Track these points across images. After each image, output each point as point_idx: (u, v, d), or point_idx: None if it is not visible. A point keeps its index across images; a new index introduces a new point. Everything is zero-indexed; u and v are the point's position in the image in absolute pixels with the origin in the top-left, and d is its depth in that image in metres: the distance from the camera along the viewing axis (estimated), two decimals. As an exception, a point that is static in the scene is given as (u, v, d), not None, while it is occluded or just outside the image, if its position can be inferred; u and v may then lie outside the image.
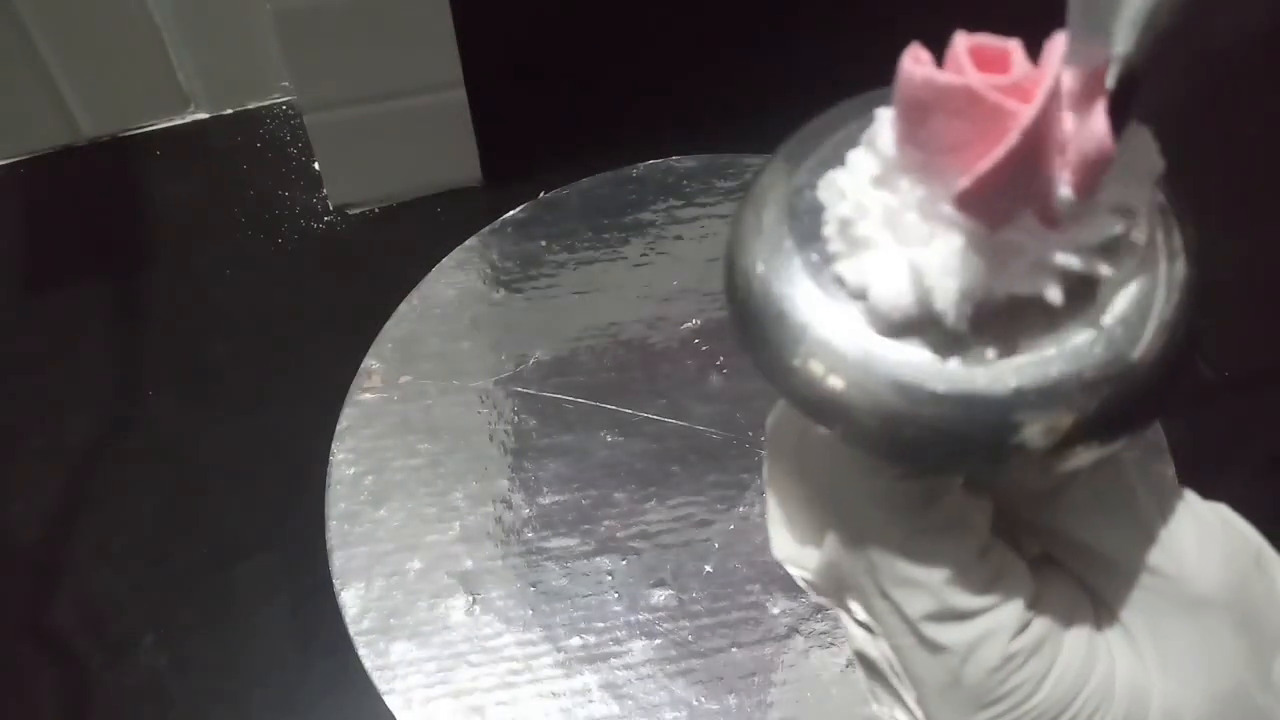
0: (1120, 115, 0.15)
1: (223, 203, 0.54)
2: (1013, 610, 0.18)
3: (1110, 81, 0.15)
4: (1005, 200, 0.15)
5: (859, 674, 0.22)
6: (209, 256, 0.52)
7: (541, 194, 0.51)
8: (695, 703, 0.36)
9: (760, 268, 0.19)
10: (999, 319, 0.17)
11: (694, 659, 0.37)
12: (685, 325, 0.46)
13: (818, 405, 0.18)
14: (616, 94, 0.57)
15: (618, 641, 0.38)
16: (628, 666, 0.37)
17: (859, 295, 0.17)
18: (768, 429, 0.23)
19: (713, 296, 0.47)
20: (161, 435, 0.46)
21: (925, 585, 0.19)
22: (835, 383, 0.18)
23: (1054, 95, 0.15)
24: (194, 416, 0.47)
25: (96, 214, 0.54)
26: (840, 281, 0.18)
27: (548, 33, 0.60)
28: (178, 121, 0.57)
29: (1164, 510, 0.18)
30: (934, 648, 0.19)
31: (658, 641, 0.38)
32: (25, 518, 0.44)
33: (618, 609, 0.38)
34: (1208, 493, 0.19)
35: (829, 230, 0.18)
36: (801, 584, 0.22)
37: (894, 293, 0.17)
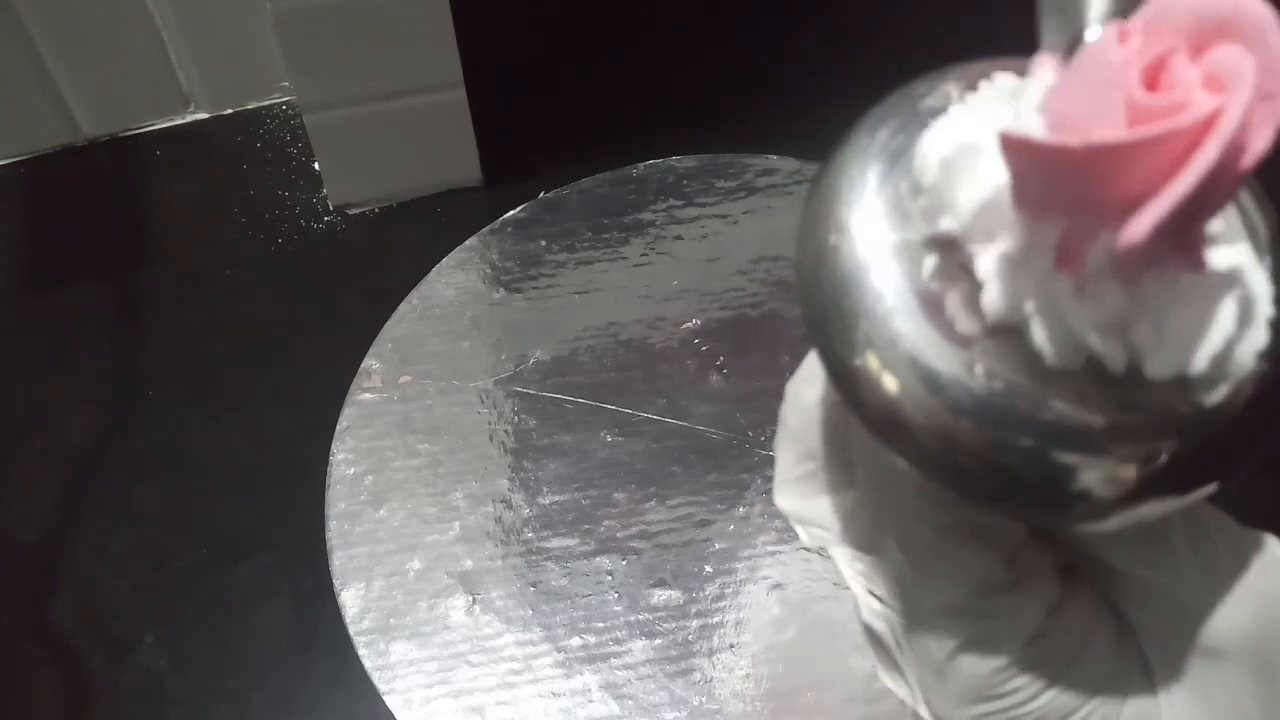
0: None
1: (222, 203, 0.54)
2: (1029, 616, 0.18)
3: None
4: (1163, 239, 0.13)
5: (869, 650, 0.21)
6: (209, 256, 0.52)
7: (541, 194, 0.51)
8: (695, 703, 0.36)
9: (846, 245, 0.17)
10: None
11: (694, 659, 0.37)
12: (685, 325, 0.46)
13: (877, 410, 0.17)
14: (616, 94, 0.57)
15: (618, 641, 0.38)
16: (628, 666, 0.37)
17: (975, 342, 0.16)
18: (793, 381, 0.22)
19: (713, 296, 0.47)
20: (161, 435, 0.46)
21: (946, 580, 0.18)
22: (893, 388, 0.16)
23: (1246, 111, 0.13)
24: (194, 416, 0.47)
25: (96, 214, 0.54)
26: (932, 280, 0.16)
27: (548, 33, 0.60)
28: (178, 121, 0.57)
29: (1198, 546, 0.18)
30: (943, 638, 0.19)
31: (658, 641, 0.38)
32: (25, 518, 0.44)
33: (618, 609, 0.38)
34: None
35: (930, 233, 0.16)
36: (805, 539, 0.22)
37: (1048, 345, 0.15)
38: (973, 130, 0.16)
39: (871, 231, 0.17)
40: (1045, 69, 0.16)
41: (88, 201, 0.55)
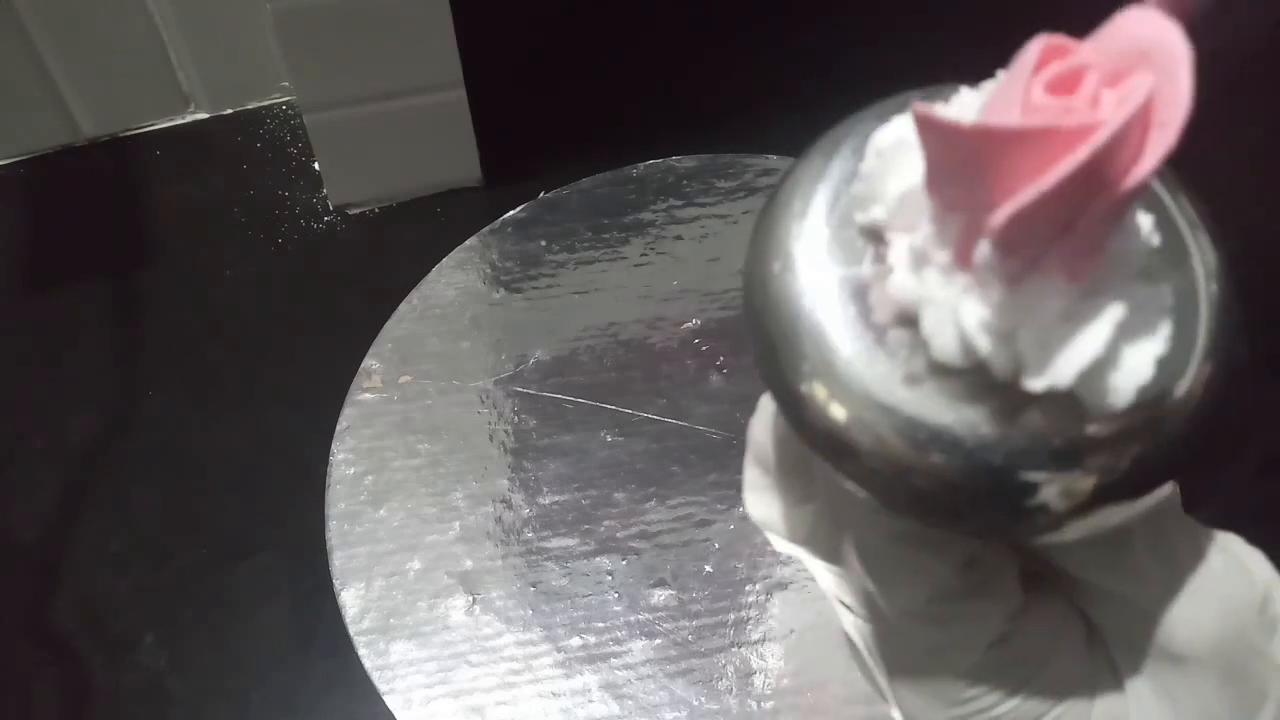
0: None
1: (222, 203, 0.54)
2: (991, 622, 0.18)
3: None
4: (1034, 244, 0.14)
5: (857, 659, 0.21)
6: (209, 256, 0.52)
7: (541, 194, 0.51)
8: (695, 703, 0.36)
9: (784, 271, 0.17)
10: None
11: (694, 659, 0.37)
12: (685, 325, 0.46)
13: (824, 437, 0.17)
14: (616, 94, 0.57)
15: (618, 641, 0.38)
16: (628, 666, 0.37)
17: (888, 329, 0.16)
18: (764, 398, 0.22)
19: (713, 296, 0.47)
20: (161, 435, 0.46)
21: (904, 587, 0.18)
22: (841, 416, 0.16)
23: (1128, 126, 0.13)
24: (194, 416, 0.47)
25: (96, 214, 0.54)
26: (871, 309, 0.16)
27: (548, 32, 0.60)
28: (178, 121, 0.57)
29: (1159, 552, 0.18)
30: (906, 644, 0.19)
31: (658, 641, 0.38)
32: (25, 518, 0.44)
33: (618, 609, 0.38)
34: (1208, 492, 0.19)
35: (865, 252, 0.16)
36: (777, 546, 0.22)
37: (935, 338, 0.15)
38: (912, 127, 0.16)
39: (817, 260, 0.17)
40: (1000, 76, 0.16)
41: (88, 201, 0.55)
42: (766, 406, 0.22)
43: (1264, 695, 0.17)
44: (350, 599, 0.39)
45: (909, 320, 0.16)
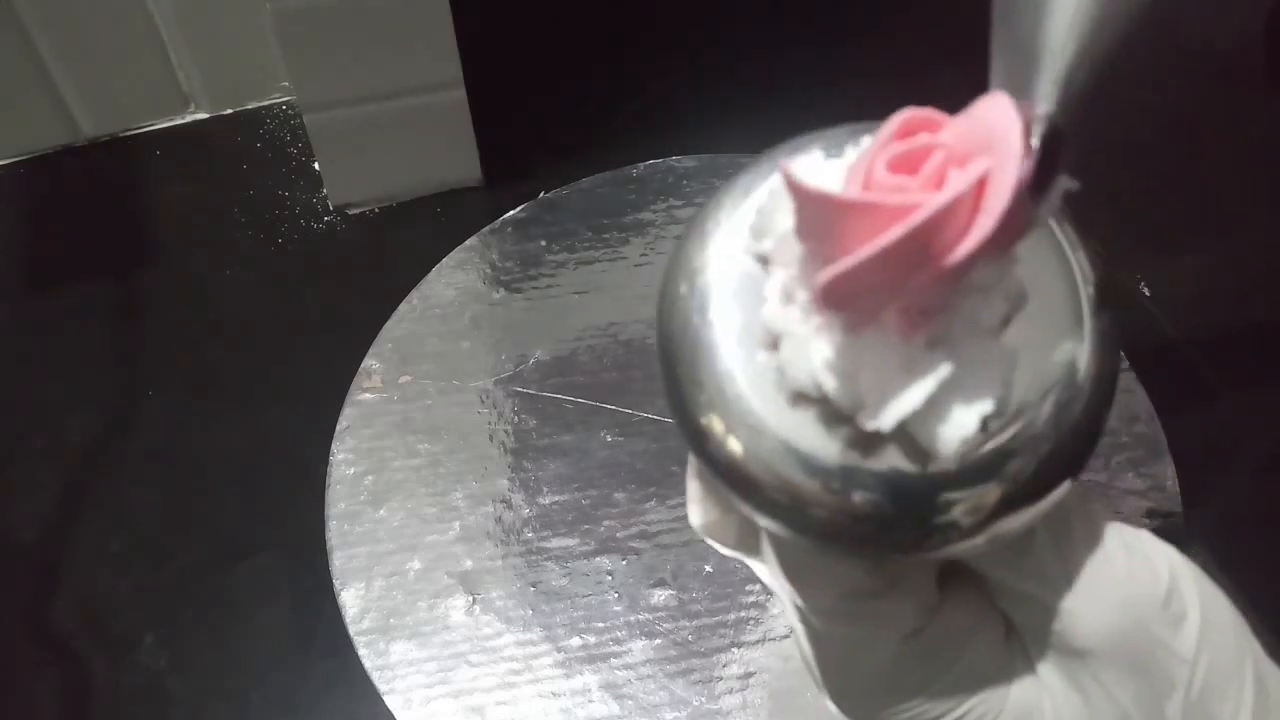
0: (1046, 173, 0.15)
1: (222, 203, 0.54)
2: (904, 619, 0.19)
3: (1035, 140, 0.15)
4: (867, 301, 0.15)
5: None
6: (209, 256, 0.52)
7: (541, 194, 0.51)
8: (695, 703, 0.36)
9: (689, 294, 0.18)
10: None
11: (694, 659, 0.37)
12: (685, 325, 0.46)
13: (726, 467, 0.17)
14: (616, 94, 0.57)
15: (618, 641, 0.38)
16: (628, 666, 0.37)
17: (756, 351, 0.17)
18: None
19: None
20: (161, 435, 0.46)
21: (816, 589, 0.19)
22: (737, 449, 0.17)
23: (942, 213, 0.14)
24: (193, 416, 0.47)
25: (96, 214, 0.54)
26: (756, 340, 0.17)
27: (548, 33, 0.60)
28: (177, 121, 0.57)
29: (1061, 551, 0.18)
30: (829, 641, 0.19)
31: (658, 641, 0.38)
32: (25, 518, 0.44)
33: (618, 609, 0.38)
34: (1208, 493, 0.19)
35: (760, 286, 0.17)
36: (725, 553, 0.23)
37: (789, 367, 0.16)
38: (808, 170, 0.18)
39: (721, 286, 0.18)
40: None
41: (87, 201, 0.55)
42: None
43: (1171, 685, 0.18)
44: (350, 599, 0.39)
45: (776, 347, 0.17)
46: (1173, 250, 0.49)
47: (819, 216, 0.15)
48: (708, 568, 0.39)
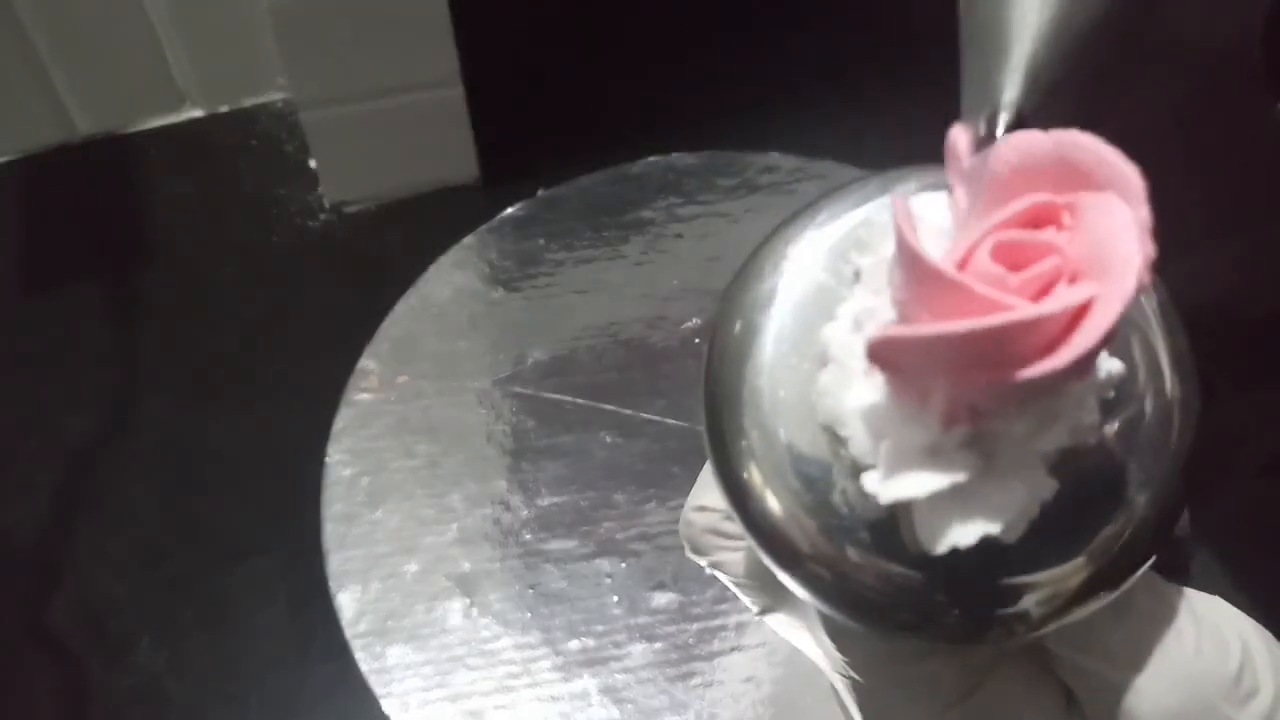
0: None
1: (218, 200, 0.54)
2: (944, 683, 0.18)
3: (1000, 130, 0.15)
4: (915, 376, 0.14)
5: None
6: (204, 254, 0.52)
7: (540, 192, 0.51)
8: (696, 707, 0.36)
9: (744, 331, 0.17)
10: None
11: (695, 662, 0.37)
12: (685, 325, 0.46)
13: (768, 535, 0.16)
14: (616, 91, 0.56)
15: (617, 645, 0.38)
16: (627, 670, 0.37)
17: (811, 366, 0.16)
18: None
19: (714, 295, 0.46)
20: (155, 436, 0.46)
21: (852, 648, 0.18)
22: (791, 521, 0.16)
23: (1020, 327, 0.13)
24: (188, 416, 0.47)
25: (92, 212, 0.54)
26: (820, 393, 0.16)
27: (547, 29, 0.60)
28: (173, 119, 0.57)
29: (1125, 626, 0.17)
30: (870, 700, 0.19)
31: (658, 645, 0.38)
32: (24, 518, 0.44)
33: (617, 612, 0.38)
34: (1208, 493, 0.19)
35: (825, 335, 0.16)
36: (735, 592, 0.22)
37: (824, 395, 0.15)
38: (923, 204, 0.16)
39: (782, 323, 0.16)
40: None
41: (84, 200, 0.55)
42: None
43: None
44: (347, 601, 0.39)
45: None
46: (1173, 250, 0.49)
47: (906, 263, 0.14)
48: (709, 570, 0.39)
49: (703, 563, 0.21)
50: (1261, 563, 0.40)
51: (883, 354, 0.14)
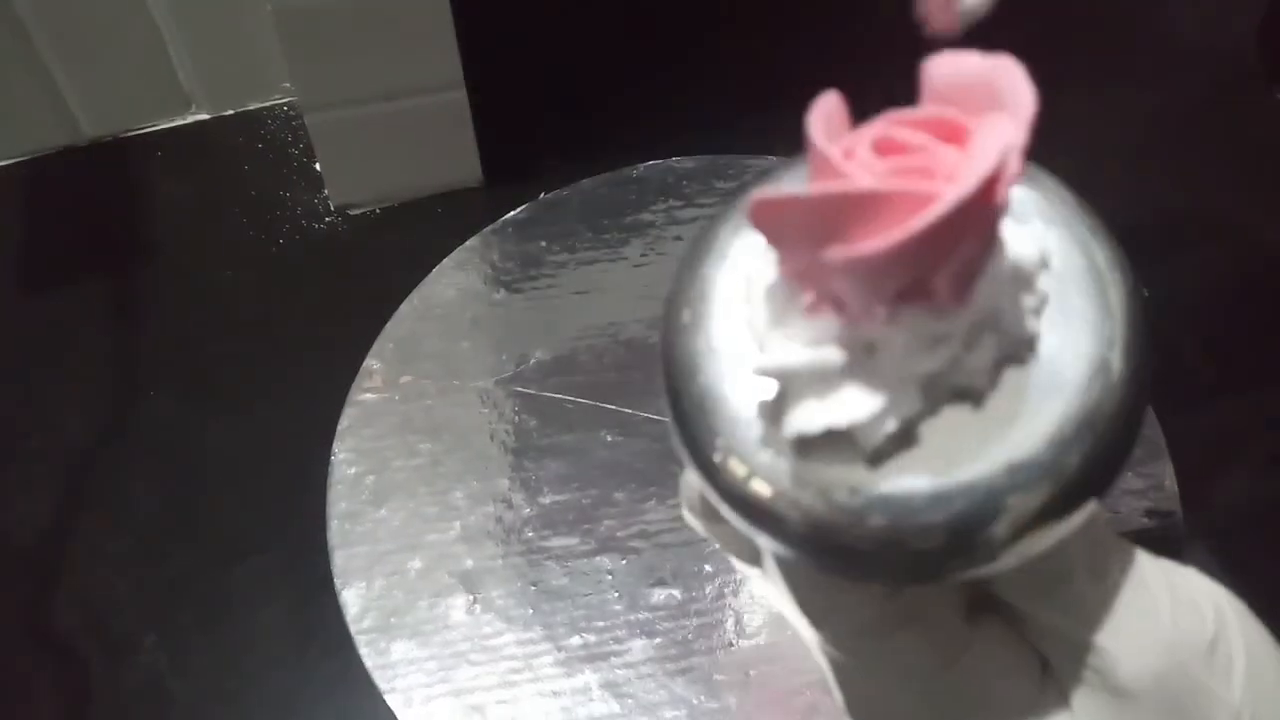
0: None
1: (223, 203, 0.54)
2: (922, 655, 0.18)
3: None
4: (785, 242, 0.15)
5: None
6: (209, 257, 0.52)
7: (542, 194, 0.51)
8: (695, 701, 0.36)
9: (694, 320, 0.17)
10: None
11: (694, 658, 0.37)
12: (685, 325, 0.46)
13: (742, 505, 0.17)
14: (617, 94, 0.57)
15: (618, 640, 0.38)
16: (628, 665, 0.37)
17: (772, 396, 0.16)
18: None
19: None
20: (161, 435, 0.46)
21: (826, 621, 0.18)
22: (760, 488, 0.16)
23: (980, 187, 0.14)
24: (194, 417, 0.47)
25: (96, 215, 0.54)
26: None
27: (548, 33, 0.60)
28: (178, 122, 0.57)
29: (1103, 591, 0.17)
30: (852, 679, 0.19)
31: (658, 640, 0.38)
32: (24, 518, 0.44)
33: (618, 608, 0.38)
34: (1208, 493, 0.19)
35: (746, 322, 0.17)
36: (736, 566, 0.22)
37: (794, 406, 0.16)
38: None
39: (729, 309, 0.17)
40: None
41: (88, 202, 0.55)
42: None
43: None
44: (351, 598, 0.39)
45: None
46: (1173, 250, 0.49)
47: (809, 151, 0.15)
48: (708, 567, 0.39)
49: (699, 526, 0.21)
50: (1261, 562, 0.40)
51: (756, 216, 0.14)
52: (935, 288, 0.15)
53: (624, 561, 0.40)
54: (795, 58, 0.59)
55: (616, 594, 0.39)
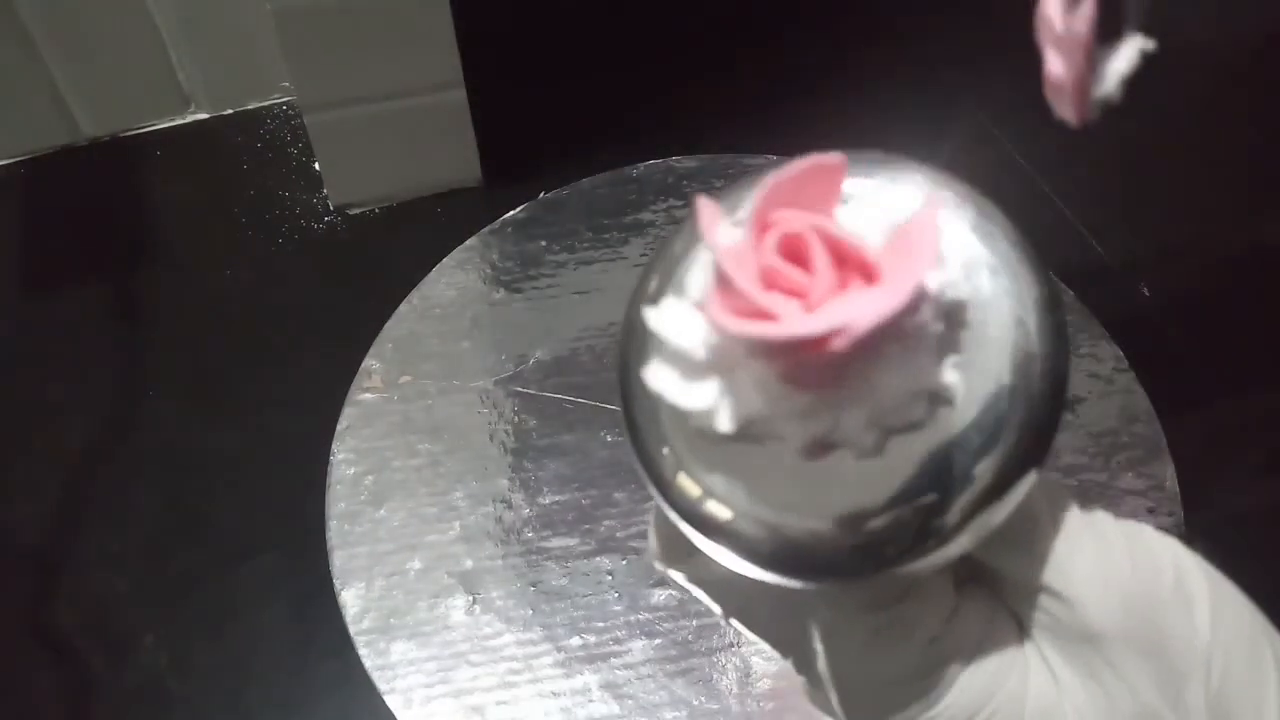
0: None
1: (223, 203, 0.54)
2: (924, 623, 0.19)
3: None
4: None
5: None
6: (208, 256, 0.52)
7: (541, 194, 0.51)
8: (695, 702, 0.36)
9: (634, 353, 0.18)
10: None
11: (695, 658, 0.37)
12: (685, 325, 0.46)
13: (700, 523, 0.17)
14: (616, 94, 0.57)
15: (618, 641, 0.38)
16: (628, 666, 0.37)
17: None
18: None
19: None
20: (161, 436, 0.46)
21: (828, 606, 0.19)
22: (717, 509, 0.17)
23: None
24: (194, 417, 0.47)
25: (97, 214, 0.54)
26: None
27: (548, 33, 0.60)
28: (178, 122, 0.57)
29: (1068, 540, 0.18)
30: (846, 654, 0.19)
31: (658, 641, 0.38)
32: (25, 518, 0.44)
33: (618, 609, 0.38)
34: (1208, 493, 0.19)
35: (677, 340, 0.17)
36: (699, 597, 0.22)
37: (716, 408, 0.16)
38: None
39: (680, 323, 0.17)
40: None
41: (88, 201, 0.55)
42: None
43: (1188, 670, 0.18)
44: (351, 599, 0.39)
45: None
46: (1173, 250, 0.49)
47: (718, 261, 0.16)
48: (708, 567, 0.39)
49: (675, 575, 0.22)
50: (1262, 562, 0.40)
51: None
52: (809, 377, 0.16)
53: (624, 562, 0.40)
54: (795, 58, 0.59)
55: (616, 594, 0.39)
